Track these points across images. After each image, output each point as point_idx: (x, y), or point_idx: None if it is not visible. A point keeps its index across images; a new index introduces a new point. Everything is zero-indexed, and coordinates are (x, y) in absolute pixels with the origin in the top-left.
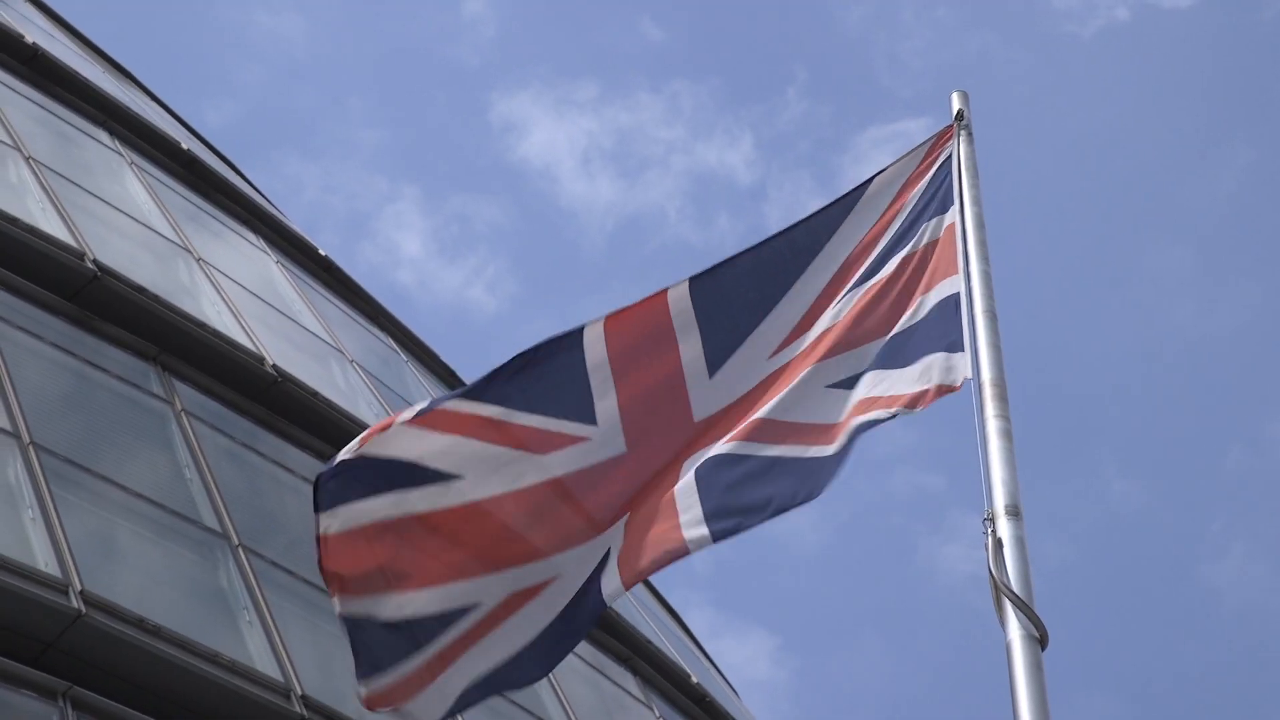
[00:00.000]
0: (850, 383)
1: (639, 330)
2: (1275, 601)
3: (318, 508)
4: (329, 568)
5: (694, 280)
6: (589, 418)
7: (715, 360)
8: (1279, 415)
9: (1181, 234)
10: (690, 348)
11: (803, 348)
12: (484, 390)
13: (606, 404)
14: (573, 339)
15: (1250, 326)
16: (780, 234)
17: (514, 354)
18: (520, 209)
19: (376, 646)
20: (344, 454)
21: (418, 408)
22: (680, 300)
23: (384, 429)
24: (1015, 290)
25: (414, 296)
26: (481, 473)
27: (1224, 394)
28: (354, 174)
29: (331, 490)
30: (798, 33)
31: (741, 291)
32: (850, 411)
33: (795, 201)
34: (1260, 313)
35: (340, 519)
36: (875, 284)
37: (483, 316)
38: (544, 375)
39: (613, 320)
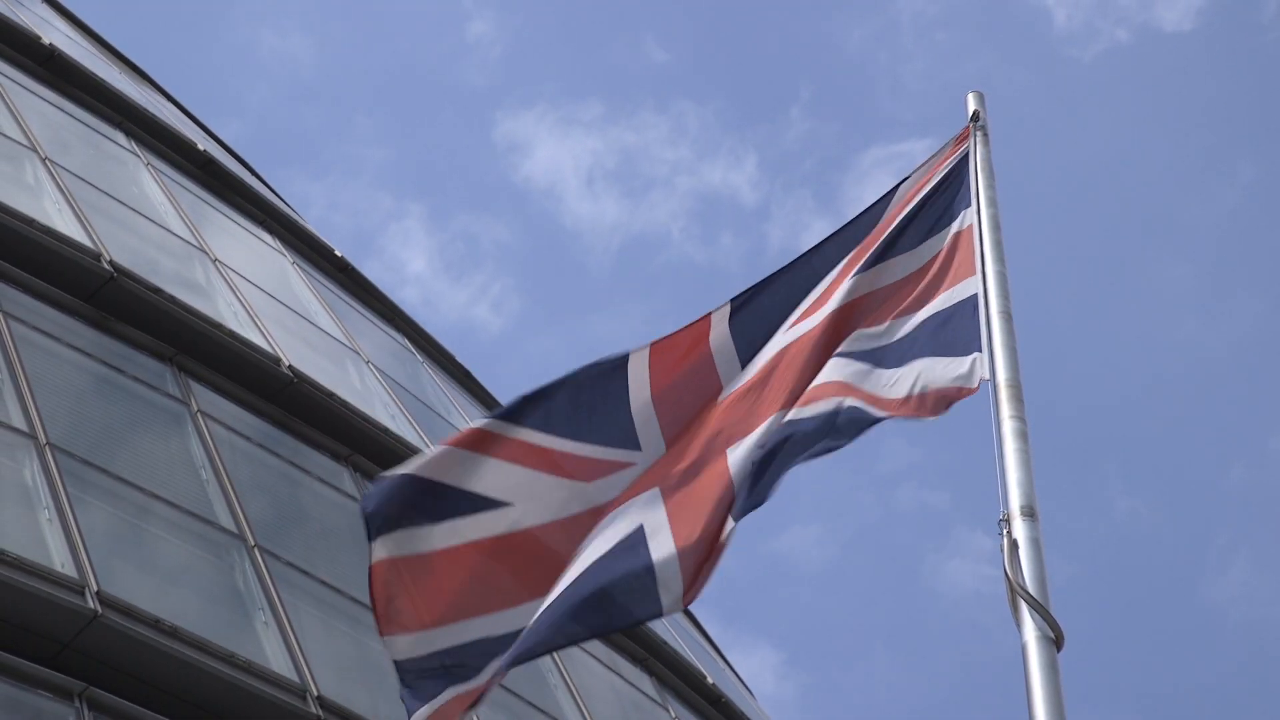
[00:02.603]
0: (872, 360)
1: (682, 352)
2: (1278, 617)
3: (371, 535)
4: (380, 598)
5: (734, 300)
6: (633, 444)
7: (745, 356)
8: None
9: (1184, 251)
10: (725, 358)
11: (817, 321)
12: (528, 414)
13: (650, 429)
14: (617, 367)
15: (1253, 342)
16: (813, 248)
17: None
18: (525, 228)
19: (428, 681)
20: (393, 472)
21: (462, 430)
22: (721, 320)
23: (435, 454)
24: (1018, 307)
25: (419, 314)
26: (531, 500)
27: (1227, 410)
28: (360, 192)
29: (385, 515)
30: (800, 54)
31: (774, 303)
32: (875, 395)
33: (798, 221)
34: (1263, 328)
35: (394, 544)
36: (896, 276)
37: (488, 335)
38: (591, 405)
39: (658, 346)
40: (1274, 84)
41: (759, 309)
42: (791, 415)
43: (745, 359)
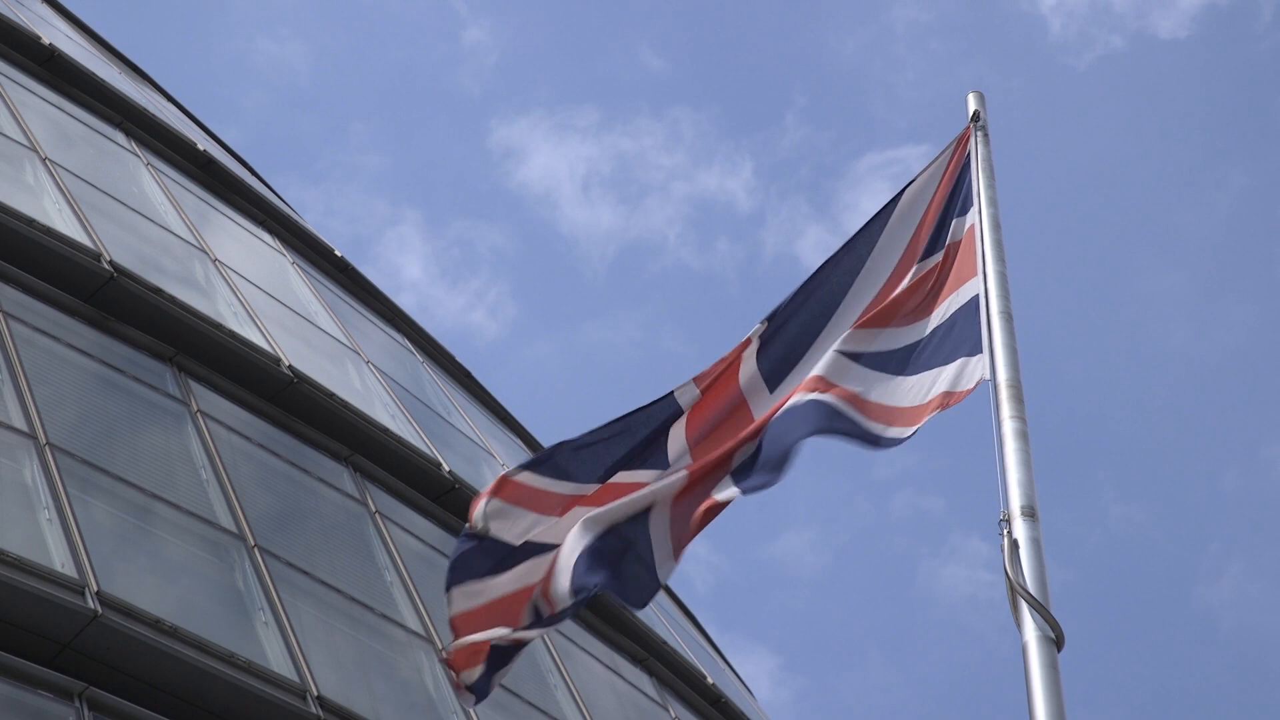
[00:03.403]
0: (880, 365)
1: (720, 382)
2: (1271, 622)
3: (449, 584)
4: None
5: (767, 318)
6: (663, 465)
7: (773, 381)
8: (1275, 437)
9: (1177, 258)
10: (752, 385)
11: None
12: (568, 464)
13: (680, 455)
14: (665, 401)
15: (1246, 349)
16: (828, 261)
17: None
18: (521, 234)
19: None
20: (473, 529)
21: (505, 474)
22: (753, 343)
23: (488, 496)
24: (1014, 311)
25: (416, 320)
26: (572, 535)
27: (1220, 416)
28: (356, 198)
29: (460, 568)
30: (795, 61)
31: (797, 316)
32: (888, 406)
33: (792, 227)
34: (1256, 336)
35: (465, 597)
36: (909, 283)
37: (484, 341)
38: (633, 435)
39: (704, 375)
40: (1268, 91)
41: (784, 336)
42: (793, 401)
43: (772, 385)
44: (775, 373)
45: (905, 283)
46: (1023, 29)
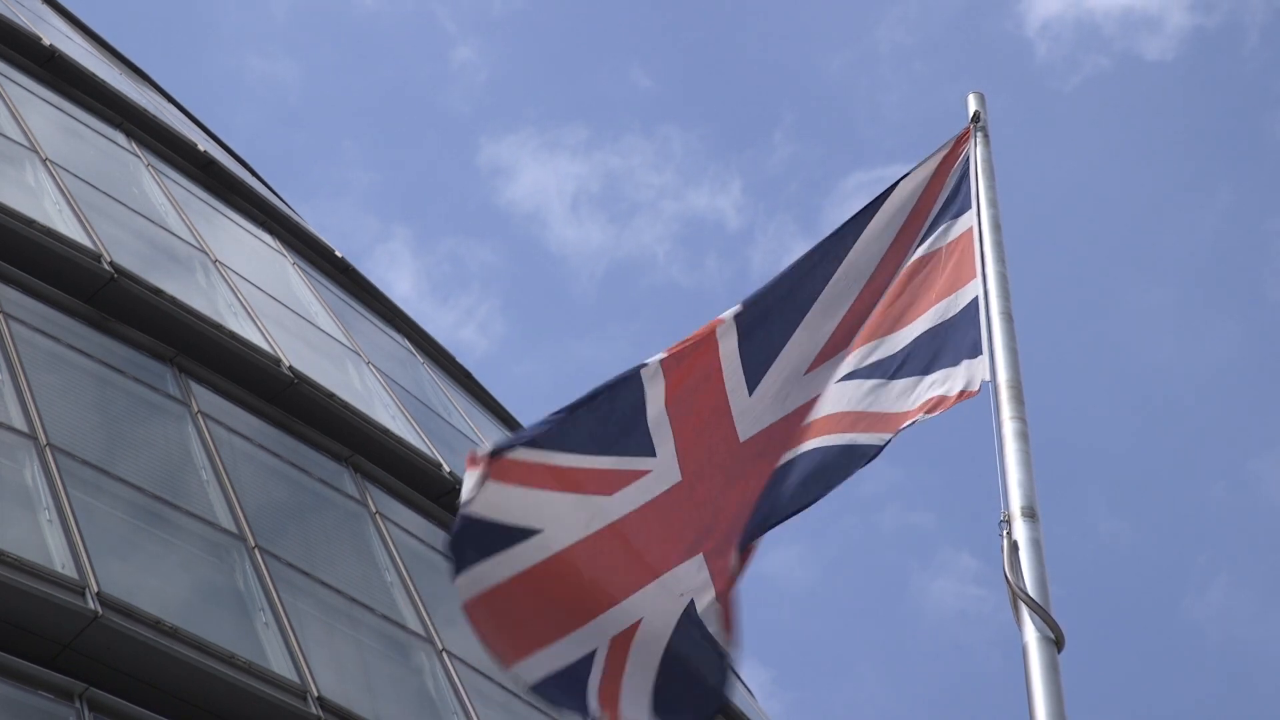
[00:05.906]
0: (878, 374)
1: (691, 360)
2: (1257, 635)
3: (454, 574)
4: (485, 639)
5: (744, 302)
6: (649, 450)
7: (753, 376)
8: (1260, 452)
9: (1164, 275)
10: (732, 369)
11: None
12: (545, 437)
13: (663, 434)
14: (631, 378)
15: (1232, 364)
16: (815, 247)
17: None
18: (511, 251)
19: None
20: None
21: (487, 449)
22: (727, 324)
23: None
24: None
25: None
26: (555, 523)
27: (1207, 431)
28: (346, 214)
29: (455, 557)
30: (782, 81)
31: (779, 306)
32: (883, 413)
33: (780, 245)
34: (1242, 351)
35: (469, 583)
36: (899, 280)
37: (474, 357)
38: (605, 416)
39: (671, 353)
40: (1255, 111)
41: (765, 314)
42: (805, 447)
43: (753, 381)
44: (754, 371)
45: (894, 283)
46: (1008, 51)
